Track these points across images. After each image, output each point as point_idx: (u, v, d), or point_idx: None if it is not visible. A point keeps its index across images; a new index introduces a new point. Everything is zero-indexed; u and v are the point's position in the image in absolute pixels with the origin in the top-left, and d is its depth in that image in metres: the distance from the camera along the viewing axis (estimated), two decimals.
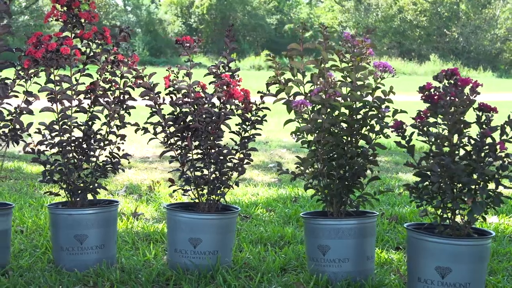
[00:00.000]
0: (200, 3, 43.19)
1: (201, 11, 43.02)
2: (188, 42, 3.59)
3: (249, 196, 5.88)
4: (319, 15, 44.94)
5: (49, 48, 3.52)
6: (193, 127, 3.55)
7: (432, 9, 42.34)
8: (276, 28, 42.52)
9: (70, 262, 3.57)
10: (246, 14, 42.73)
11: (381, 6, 42.54)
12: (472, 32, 41.16)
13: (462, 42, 41.15)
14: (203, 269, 3.49)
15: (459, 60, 38.76)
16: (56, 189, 6.13)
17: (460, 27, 41.37)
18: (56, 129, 3.63)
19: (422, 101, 3.13)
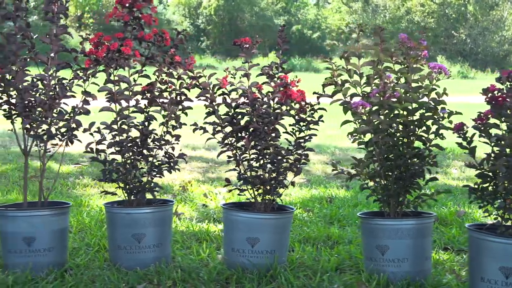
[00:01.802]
0: (208, 4, 43.25)
1: (209, 12, 43.07)
2: (247, 43, 3.63)
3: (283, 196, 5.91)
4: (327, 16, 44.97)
5: (111, 48, 3.56)
6: (252, 127, 3.59)
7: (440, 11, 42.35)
8: None
9: (128, 261, 3.61)
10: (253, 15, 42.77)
11: (388, 7, 42.56)
12: (479, 34, 41.16)
13: (469, 43, 41.15)
14: (262, 268, 3.52)
15: (467, 61, 38.75)
16: (89, 188, 6.18)
17: (467, 28, 41.37)
18: (115, 129, 3.67)
19: (486, 103, 3.16)
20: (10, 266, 3.49)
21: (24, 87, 3.56)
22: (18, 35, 3.64)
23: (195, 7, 43.85)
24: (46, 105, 3.55)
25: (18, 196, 5.64)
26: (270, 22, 42.61)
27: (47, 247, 3.52)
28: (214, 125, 3.69)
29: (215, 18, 42.70)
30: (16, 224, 3.49)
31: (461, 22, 41.88)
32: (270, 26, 42.30)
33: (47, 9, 3.67)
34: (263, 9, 43.42)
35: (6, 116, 3.64)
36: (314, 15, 44.97)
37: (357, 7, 44.08)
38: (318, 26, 43.44)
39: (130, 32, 3.73)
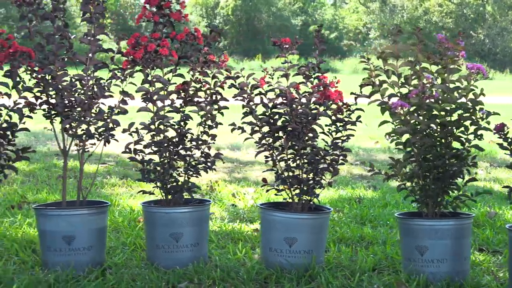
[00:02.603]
0: (225, 4, 43.31)
1: (226, 12, 43.13)
2: (286, 43, 3.64)
3: None
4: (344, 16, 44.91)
5: (148, 49, 3.58)
6: (290, 127, 3.59)
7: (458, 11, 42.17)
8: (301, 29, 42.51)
9: (166, 260, 3.63)
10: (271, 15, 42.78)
11: (406, 7, 42.44)
12: (498, 34, 40.93)
13: (488, 44, 40.94)
14: (299, 268, 3.52)
15: (485, 62, 38.54)
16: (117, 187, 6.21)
17: (486, 29, 41.16)
18: (153, 129, 3.69)
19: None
20: (49, 265, 3.52)
21: (63, 87, 3.58)
22: (57, 35, 3.67)
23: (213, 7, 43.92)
24: (86, 105, 3.58)
25: (48, 195, 5.67)
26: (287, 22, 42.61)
27: (86, 245, 3.54)
28: (252, 125, 3.70)
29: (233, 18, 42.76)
30: (56, 223, 3.52)
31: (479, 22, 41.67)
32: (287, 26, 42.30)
33: (85, 9, 3.69)
34: (280, 9, 43.42)
35: (46, 116, 3.66)
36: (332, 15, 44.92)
37: (375, 7, 43.97)
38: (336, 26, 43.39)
39: (161, 30, 3.75)
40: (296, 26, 43.01)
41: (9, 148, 3.60)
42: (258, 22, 41.62)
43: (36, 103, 3.64)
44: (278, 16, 42.95)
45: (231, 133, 3.83)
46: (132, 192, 6.01)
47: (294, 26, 43.03)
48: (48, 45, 3.65)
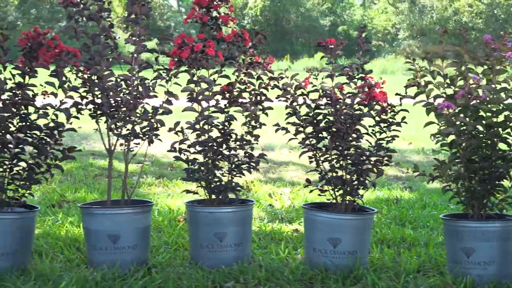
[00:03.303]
0: (253, 5, 43.33)
1: (255, 13, 43.15)
2: (331, 44, 3.64)
3: None
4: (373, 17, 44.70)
5: (194, 49, 3.59)
6: (335, 128, 3.59)
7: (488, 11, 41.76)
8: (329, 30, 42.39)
9: (210, 260, 3.64)
10: (299, 15, 42.71)
11: (436, 8, 42.13)
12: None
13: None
14: (344, 269, 3.52)
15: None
16: (154, 187, 6.25)
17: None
18: (197, 129, 3.70)
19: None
20: (95, 263, 3.55)
21: (109, 87, 3.61)
22: (102, 36, 3.71)
23: (241, 8, 43.96)
24: (131, 105, 3.60)
25: (87, 195, 5.72)
26: (315, 22, 42.51)
27: (131, 244, 3.57)
28: (296, 125, 3.70)
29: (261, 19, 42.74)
30: (101, 222, 3.55)
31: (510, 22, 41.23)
32: (316, 27, 42.20)
33: (130, 10, 3.72)
34: (309, 10, 43.33)
35: (92, 115, 3.70)
36: (360, 16, 44.74)
37: (404, 8, 43.71)
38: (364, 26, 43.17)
39: (208, 32, 3.76)
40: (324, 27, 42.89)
41: (55, 148, 3.64)
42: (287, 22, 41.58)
43: (82, 103, 3.67)
44: (306, 16, 42.86)
45: (265, 134, 3.84)
46: (169, 192, 6.04)
47: (322, 27, 42.91)
48: (94, 45, 3.68)
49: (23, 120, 3.56)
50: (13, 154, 3.58)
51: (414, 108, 3.79)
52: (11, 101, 3.52)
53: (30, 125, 3.57)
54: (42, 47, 3.51)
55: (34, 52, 3.52)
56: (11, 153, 3.57)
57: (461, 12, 41.69)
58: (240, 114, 3.80)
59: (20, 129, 3.57)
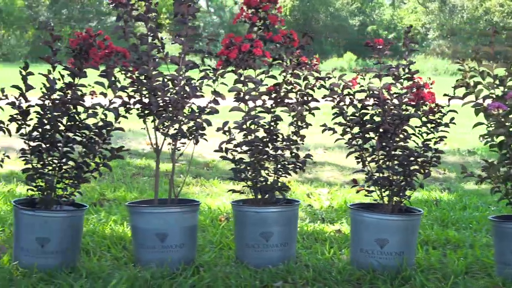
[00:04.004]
0: (282, 4, 43.32)
1: (284, 13, 43.13)
2: (380, 44, 3.63)
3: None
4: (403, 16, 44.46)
5: (242, 49, 3.61)
6: (383, 128, 3.58)
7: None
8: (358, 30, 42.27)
9: (255, 259, 3.65)
10: (328, 15, 42.63)
11: (466, 7, 41.79)
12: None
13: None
14: (391, 269, 3.51)
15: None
16: (192, 186, 6.28)
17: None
18: (244, 129, 3.72)
19: None
20: (142, 261, 3.58)
21: (157, 86, 3.64)
22: (149, 36, 3.73)
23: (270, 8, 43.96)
24: (179, 105, 3.62)
25: (126, 193, 5.76)
26: (345, 22, 42.39)
27: (178, 243, 3.59)
28: (343, 125, 3.70)
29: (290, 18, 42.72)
30: (149, 221, 3.58)
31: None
32: (345, 26, 42.09)
33: (178, 10, 3.74)
34: (338, 10, 43.22)
35: (139, 115, 3.73)
36: (390, 16, 44.52)
37: (434, 7, 43.42)
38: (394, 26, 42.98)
39: (256, 32, 3.78)
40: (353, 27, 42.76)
41: (104, 147, 3.68)
42: (316, 22, 41.49)
43: (130, 103, 3.70)
44: (335, 16, 42.75)
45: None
46: (208, 191, 6.07)
47: (351, 27, 42.77)
48: (141, 46, 3.71)
49: (72, 120, 3.61)
50: (62, 153, 3.62)
51: (452, 108, 3.76)
52: (61, 100, 3.56)
53: (79, 125, 3.60)
54: (93, 48, 3.55)
55: (84, 53, 3.56)
56: (60, 152, 3.62)
57: (492, 12, 41.30)
58: (286, 114, 3.81)
59: (69, 128, 3.61)
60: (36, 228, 3.48)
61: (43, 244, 3.47)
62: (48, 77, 3.57)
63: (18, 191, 5.70)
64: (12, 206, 3.65)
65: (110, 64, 3.60)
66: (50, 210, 3.58)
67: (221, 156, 3.76)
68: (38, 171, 3.60)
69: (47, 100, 3.58)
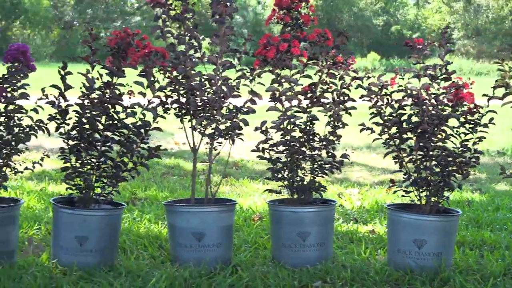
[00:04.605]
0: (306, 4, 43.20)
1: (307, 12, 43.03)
2: (419, 44, 3.62)
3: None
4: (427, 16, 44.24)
5: (280, 49, 3.61)
6: (421, 128, 3.57)
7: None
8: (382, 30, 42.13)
9: (292, 259, 3.66)
10: (352, 15, 42.53)
11: (491, 7, 41.48)
12: None
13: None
14: (429, 270, 3.49)
15: None
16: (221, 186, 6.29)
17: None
18: (281, 128, 3.72)
19: None
20: (180, 260, 3.59)
21: (195, 86, 3.65)
22: (187, 36, 3.75)
23: None
24: (217, 104, 3.63)
25: (157, 193, 5.78)
26: (368, 22, 42.26)
27: (215, 242, 3.60)
28: (381, 125, 3.69)
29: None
30: (187, 220, 3.59)
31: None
32: (369, 26, 41.95)
33: (216, 10, 3.75)
34: (362, 9, 43.10)
35: (177, 114, 3.74)
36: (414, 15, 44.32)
37: (459, 7, 43.16)
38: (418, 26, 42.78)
39: (289, 32, 3.77)
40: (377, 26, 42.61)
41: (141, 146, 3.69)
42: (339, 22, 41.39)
43: (168, 102, 3.72)
44: (359, 16, 42.63)
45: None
46: (238, 191, 6.08)
47: (375, 26, 42.62)
48: (179, 45, 3.73)
49: (110, 119, 3.63)
50: (100, 152, 3.64)
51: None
52: (100, 100, 3.58)
53: (118, 124, 3.62)
54: (131, 47, 3.57)
55: (123, 52, 3.58)
56: (99, 151, 3.64)
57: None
58: (322, 114, 3.81)
59: (108, 127, 3.63)
60: (75, 226, 3.50)
61: (82, 242, 3.50)
62: (87, 76, 3.59)
63: (50, 189, 5.76)
64: (51, 204, 3.68)
65: (149, 63, 3.62)
66: (89, 208, 3.60)
67: (258, 155, 3.77)
68: (77, 170, 3.63)
69: (86, 100, 3.60)
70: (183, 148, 8.53)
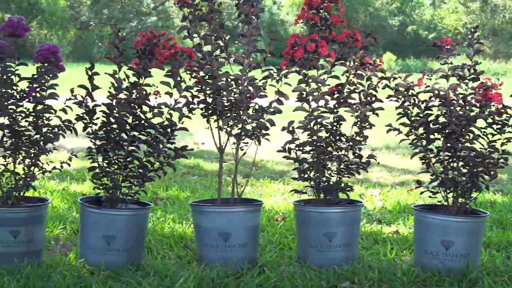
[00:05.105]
0: None
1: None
2: (448, 44, 3.61)
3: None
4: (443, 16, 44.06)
5: (308, 49, 3.61)
6: (449, 129, 3.56)
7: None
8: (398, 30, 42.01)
9: (318, 259, 3.65)
10: (368, 15, 42.45)
11: (508, 7, 41.25)
12: None
13: None
14: (456, 272, 3.48)
15: None
16: None
17: None
18: (308, 129, 3.72)
19: None
20: (206, 260, 3.60)
21: (222, 86, 3.66)
22: (213, 36, 3.75)
23: None
24: (244, 104, 3.64)
25: (179, 192, 5.79)
26: (384, 22, 42.15)
27: (241, 242, 3.61)
28: (408, 126, 3.68)
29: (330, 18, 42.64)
30: (213, 220, 3.59)
31: None
32: (385, 26, 41.83)
33: (242, 10, 3.75)
34: (378, 9, 43.00)
35: (203, 115, 3.75)
36: (430, 16, 44.15)
37: (475, 7, 42.96)
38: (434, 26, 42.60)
39: (317, 33, 3.77)
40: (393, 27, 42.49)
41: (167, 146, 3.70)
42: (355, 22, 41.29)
43: (194, 102, 3.73)
44: (375, 16, 42.53)
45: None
46: (259, 191, 6.08)
47: (391, 27, 42.51)
48: (205, 46, 3.73)
49: (137, 119, 3.64)
50: (127, 152, 3.65)
51: None
52: (128, 100, 3.59)
53: (144, 124, 3.64)
54: (158, 48, 3.58)
55: (149, 53, 3.59)
56: (126, 151, 3.65)
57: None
58: (348, 115, 3.80)
59: (135, 127, 3.64)
60: (103, 226, 3.52)
61: (109, 241, 3.51)
62: (114, 77, 3.60)
63: (72, 189, 5.78)
64: (77, 204, 3.70)
65: (175, 64, 3.63)
66: (116, 208, 3.62)
67: (284, 156, 3.77)
68: (104, 169, 3.64)
69: (114, 100, 3.61)
70: (202, 148, 8.54)
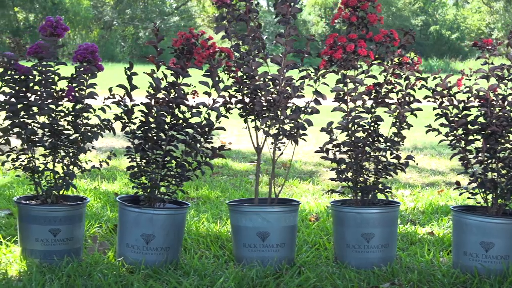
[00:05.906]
0: None
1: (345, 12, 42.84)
2: (489, 44, 3.58)
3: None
4: (466, 16, 43.75)
5: (347, 49, 3.60)
6: (490, 130, 3.53)
7: None
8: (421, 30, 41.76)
9: (356, 260, 3.64)
10: (390, 15, 42.24)
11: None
12: None
13: None
14: (496, 274, 3.45)
15: None
16: None
17: None
18: (347, 129, 3.71)
19: None
20: (243, 260, 3.60)
21: (260, 86, 3.66)
22: (250, 36, 3.75)
23: (331, 8, 43.81)
24: (283, 104, 3.64)
25: (209, 192, 5.81)
26: (407, 22, 41.92)
27: (279, 242, 3.61)
28: (448, 126, 3.65)
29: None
30: (251, 220, 3.60)
31: None
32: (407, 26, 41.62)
33: (280, 10, 3.75)
34: (400, 9, 42.80)
35: (241, 114, 3.75)
36: (453, 15, 43.85)
37: (499, 7, 42.61)
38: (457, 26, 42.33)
39: (355, 32, 3.76)
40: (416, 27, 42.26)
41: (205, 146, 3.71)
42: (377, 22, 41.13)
43: (231, 102, 3.73)
44: (397, 16, 42.33)
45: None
46: (289, 191, 6.07)
47: (414, 27, 42.28)
48: (242, 46, 3.74)
49: (175, 118, 3.65)
50: (165, 151, 3.67)
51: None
52: (166, 99, 3.61)
53: (182, 123, 3.64)
54: (197, 47, 3.58)
55: (188, 52, 3.59)
56: (164, 150, 3.66)
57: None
58: (386, 115, 3.79)
59: (173, 126, 3.65)
60: (142, 225, 3.53)
61: (148, 241, 3.52)
62: (153, 76, 3.61)
63: (103, 188, 5.81)
64: (116, 203, 3.71)
65: (214, 64, 3.63)
66: (155, 207, 3.63)
67: (322, 156, 3.76)
68: (142, 169, 3.66)
69: (153, 99, 3.63)
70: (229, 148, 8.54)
